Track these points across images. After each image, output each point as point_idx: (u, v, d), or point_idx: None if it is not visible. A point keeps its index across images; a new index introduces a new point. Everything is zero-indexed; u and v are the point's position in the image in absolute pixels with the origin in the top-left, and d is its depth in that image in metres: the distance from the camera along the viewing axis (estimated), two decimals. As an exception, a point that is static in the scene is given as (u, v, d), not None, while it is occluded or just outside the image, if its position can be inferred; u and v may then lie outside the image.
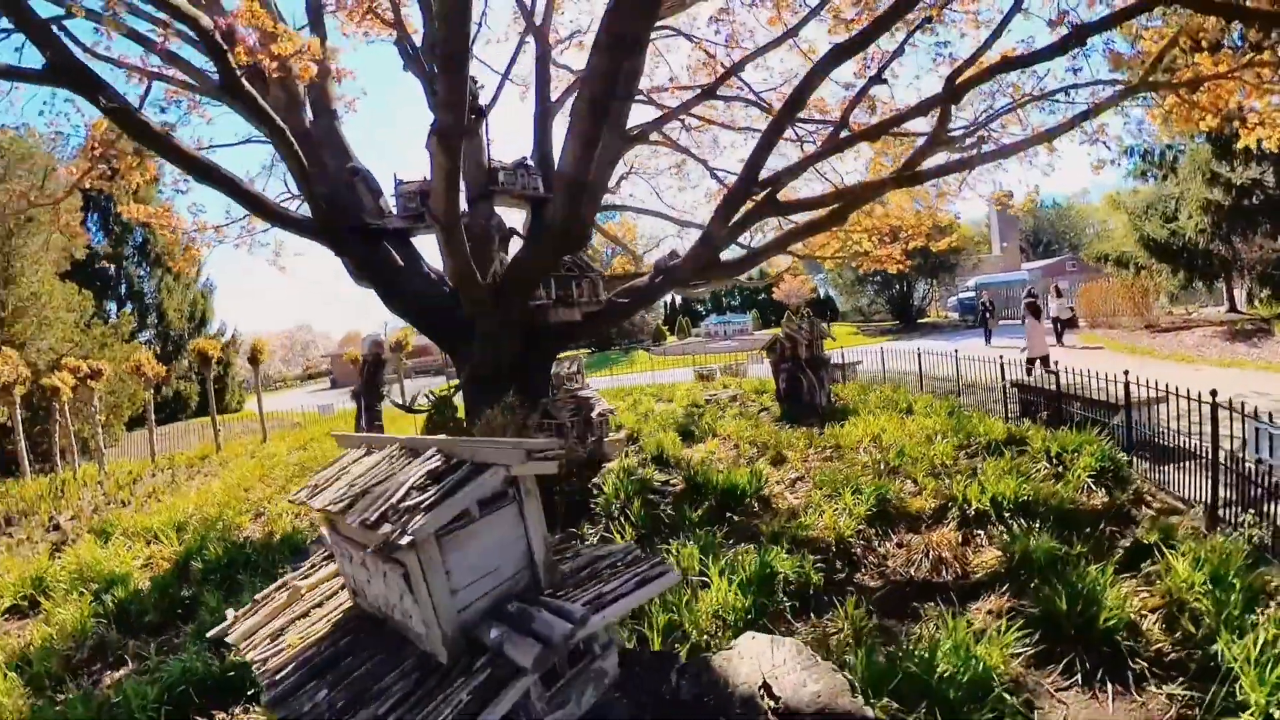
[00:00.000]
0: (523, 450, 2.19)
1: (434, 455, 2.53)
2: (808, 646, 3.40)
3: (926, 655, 3.98)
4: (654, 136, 13.52)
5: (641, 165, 16.99)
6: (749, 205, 10.62)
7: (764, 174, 9.72)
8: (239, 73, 7.00)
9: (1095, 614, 4.45)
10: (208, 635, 4.00)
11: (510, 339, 10.05)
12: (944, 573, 5.80)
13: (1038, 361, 14.31)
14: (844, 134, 9.28)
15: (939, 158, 9.12)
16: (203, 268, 40.23)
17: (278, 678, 2.66)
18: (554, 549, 2.99)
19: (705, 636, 4.88)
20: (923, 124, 10.64)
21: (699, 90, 12.53)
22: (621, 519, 7.46)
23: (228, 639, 3.29)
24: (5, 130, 24.99)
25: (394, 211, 11.21)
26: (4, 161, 25.85)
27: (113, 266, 35.84)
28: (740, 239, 11.79)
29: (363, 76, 52.30)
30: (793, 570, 5.58)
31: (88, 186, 12.40)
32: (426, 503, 2.12)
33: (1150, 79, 7.98)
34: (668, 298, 53.42)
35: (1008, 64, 7.80)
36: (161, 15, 7.24)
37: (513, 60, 12.25)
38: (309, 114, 10.96)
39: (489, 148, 11.44)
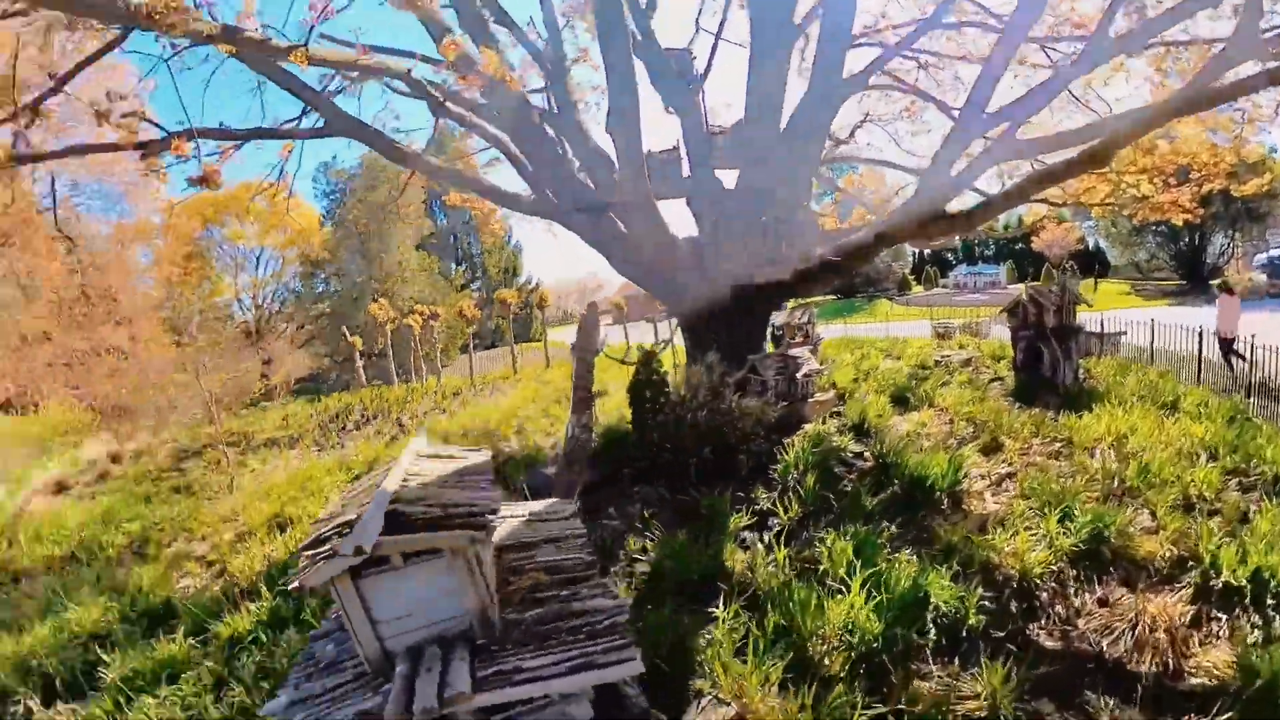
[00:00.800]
0: (352, 545, 1.76)
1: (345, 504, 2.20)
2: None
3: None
4: (878, 79, 11.39)
5: (877, 112, 14.50)
6: (981, 145, 8.46)
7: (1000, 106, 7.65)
8: (442, 97, 7.91)
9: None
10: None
11: (716, 297, 9.42)
12: (1149, 660, 3.72)
13: (1232, 342, 9.85)
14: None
15: (1243, 69, 6.15)
16: (511, 234, 45.29)
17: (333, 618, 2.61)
18: (576, 576, 2.43)
19: (820, 654, 3.82)
20: (1222, 30, 7.38)
21: (919, 21, 10.13)
22: (793, 491, 6.32)
23: None
24: (371, 153, 32.74)
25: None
26: (372, 175, 33.71)
27: (452, 237, 42.63)
28: (979, 184, 9.53)
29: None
30: (949, 602, 4.14)
31: (422, 185, 14.41)
32: (323, 556, 1.81)
33: None
34: (913, 245, 47.35)
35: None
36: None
37: (722, 24, 11.04)
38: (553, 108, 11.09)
39: (707, 114, 10.61)
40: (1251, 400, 8.33)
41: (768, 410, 8.10)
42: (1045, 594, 4.44)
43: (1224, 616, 4.00)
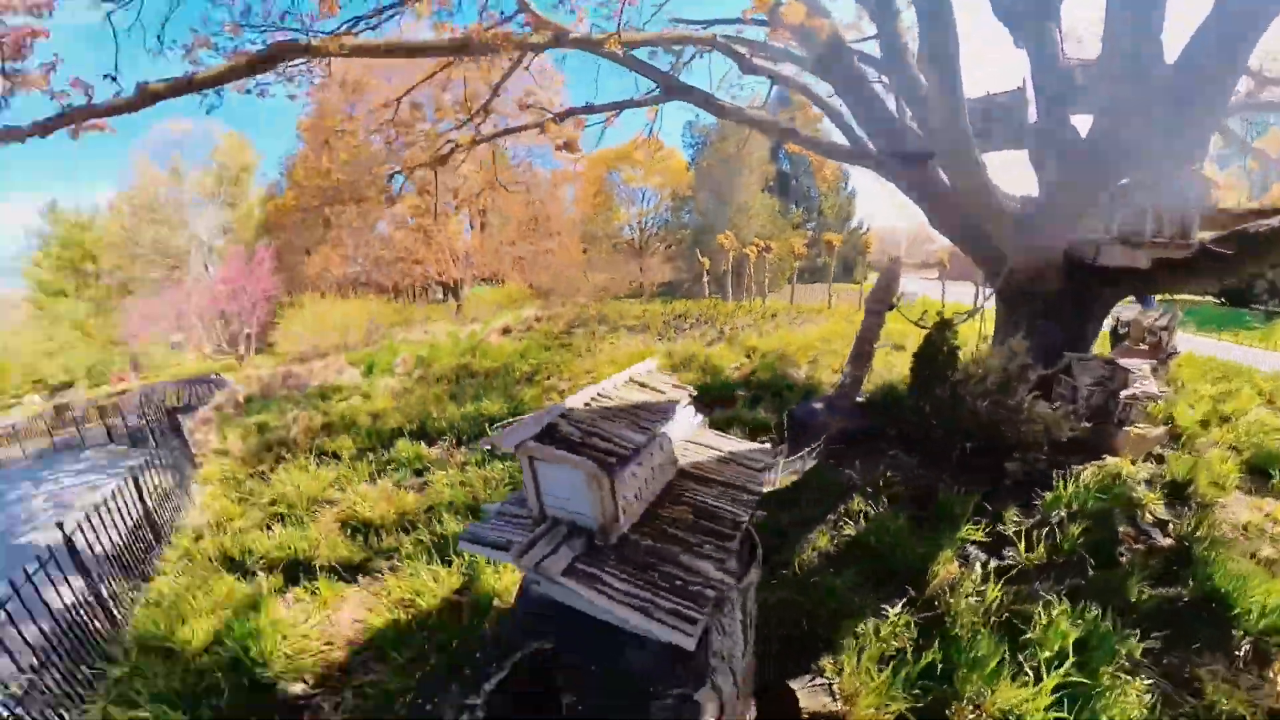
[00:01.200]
0: (493, 441, 2.22)
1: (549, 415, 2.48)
2: None
3: None
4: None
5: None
6: None
7: None
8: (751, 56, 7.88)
9: None
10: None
11: (1044, 273, 7.28)
12: None
13: None
14: None
15: None
16: (847, 181, 42.05)
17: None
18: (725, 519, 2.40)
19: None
20: None
21: None
22: (1049, 530, 4.57)
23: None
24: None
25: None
26: (724, 129, 36.08)
27: (793, 181, 41.44)
28: None
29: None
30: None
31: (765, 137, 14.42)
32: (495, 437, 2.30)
33: None
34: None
35: None
36: None
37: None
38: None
39: (1063, 45, 7.69)
40: None
41: (1063, 424, 6.04)
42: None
43: None
